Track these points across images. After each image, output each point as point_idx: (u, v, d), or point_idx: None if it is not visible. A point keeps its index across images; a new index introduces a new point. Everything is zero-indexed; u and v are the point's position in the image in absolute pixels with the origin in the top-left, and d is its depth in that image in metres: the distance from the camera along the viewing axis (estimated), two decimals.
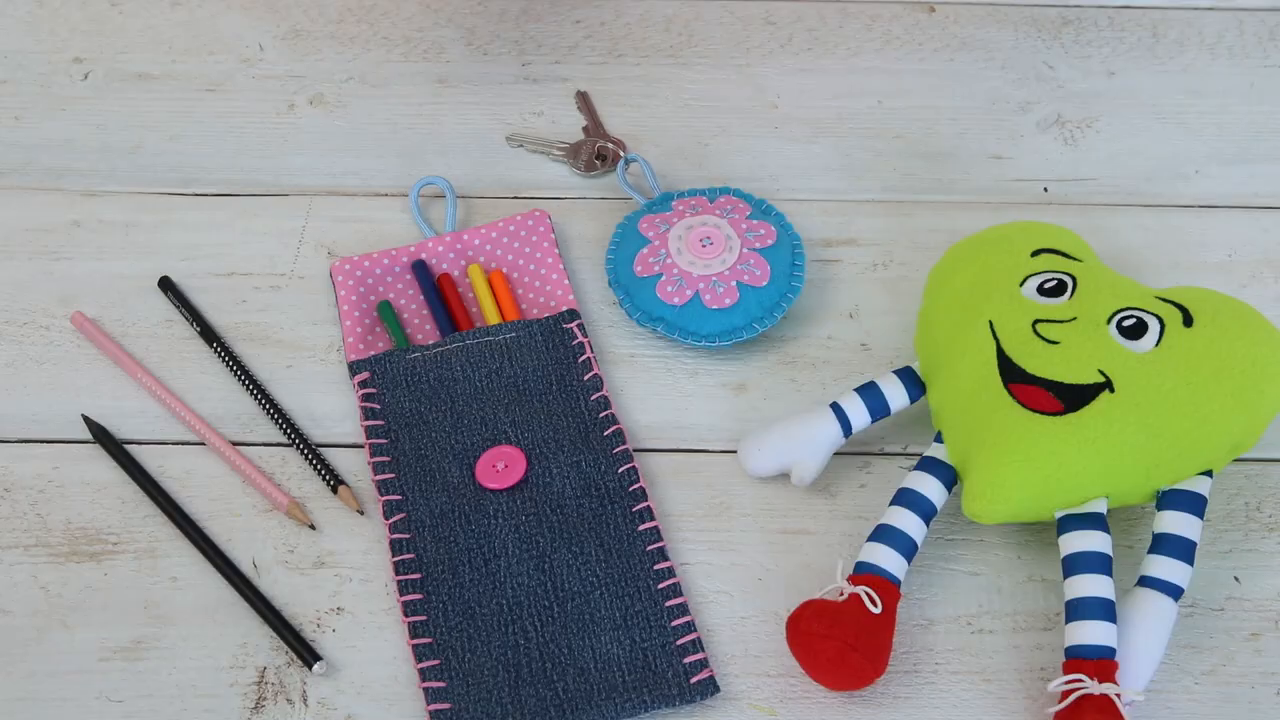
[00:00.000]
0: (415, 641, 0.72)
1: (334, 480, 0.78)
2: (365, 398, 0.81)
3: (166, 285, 0.86)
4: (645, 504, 0.76)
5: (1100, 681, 0.67)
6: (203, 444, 0.80)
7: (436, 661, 0.71)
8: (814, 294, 0.86)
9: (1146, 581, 0.70)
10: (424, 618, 0.73)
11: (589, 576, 0.74)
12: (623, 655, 0.71)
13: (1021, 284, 0.77)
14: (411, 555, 0.75)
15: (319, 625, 0.74)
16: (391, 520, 0.76)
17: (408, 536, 0.75)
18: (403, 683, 0.72)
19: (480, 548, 0.75)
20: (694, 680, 0.70)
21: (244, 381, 0.82)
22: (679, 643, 0.72)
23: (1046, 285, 0.76)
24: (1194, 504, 0.72)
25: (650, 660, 0.71)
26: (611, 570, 0.74)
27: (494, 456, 0.78)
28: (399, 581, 0.74)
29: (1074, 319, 0.74)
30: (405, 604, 0.73)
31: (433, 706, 0.70)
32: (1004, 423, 0.72)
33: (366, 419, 0.80)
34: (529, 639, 0.72)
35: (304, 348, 0.84)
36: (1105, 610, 0.69)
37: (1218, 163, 0.93)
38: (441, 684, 0.71)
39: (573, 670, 0.71)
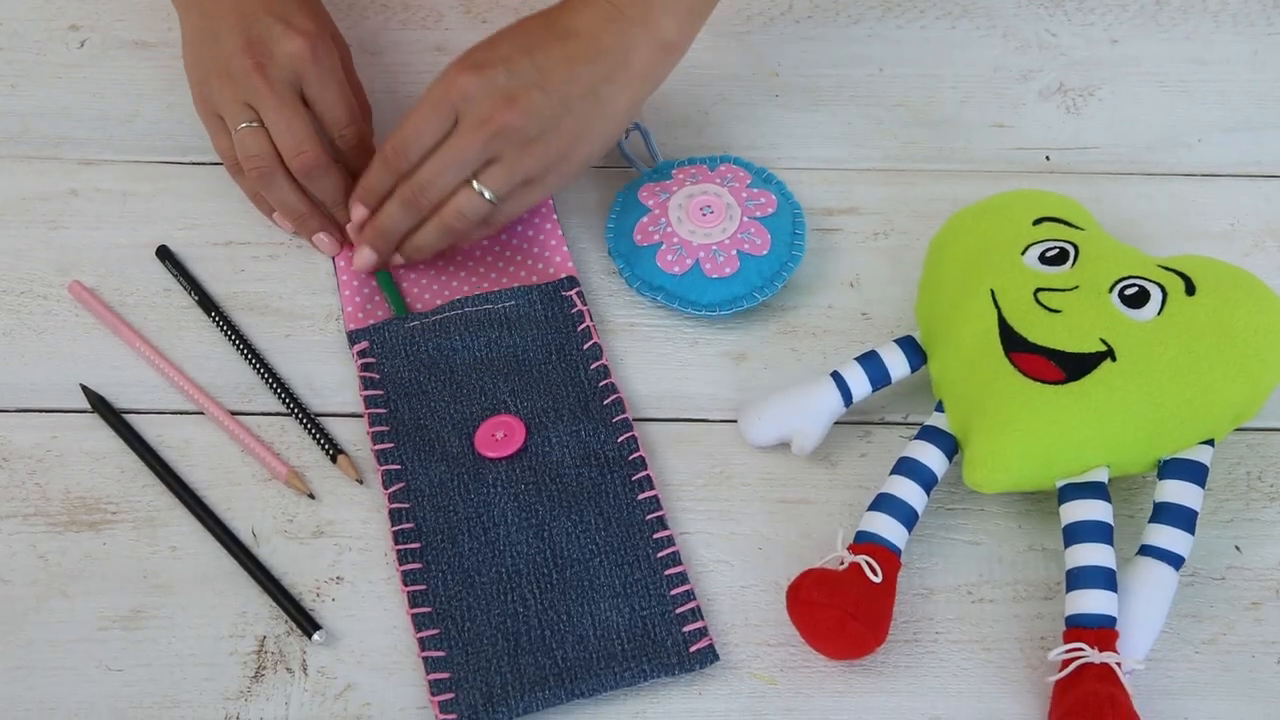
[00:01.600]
0: (414, 610, 0.72)
1: (333, 449, 0.78)
2: (364, 367, 0.80)
3: (165, 254, 0.86)
4: (645, 473, 0.76)
5: (1101, 650, 0.67)
6: (201, 413, 0.80)
7: (436, 630, 0.71)
8: (814, 263, 0.86)
9: (1147, 550, 0.70)
10: (423, 587, 0.73)
11: (588, 545, 0.74)
12: (622, 623, 0.71)
13: (1023, 252, 0.77)
14: (411, 524, 0.75)
15: (318, 594, 0.74)
16: (391, 489, 0.76)
17: (407, 506, 0.75)
18: (402, 652, 0.72)
19: (479, 516, 0.75)
20: (693, 649, 0.70)
21: (242, 351, 0.82)
22: (678, 611, 0.72)
23: (1048, 254, 0.76)
24: (1195, 473, 0.72)
25: (649, 629, 0.71)
26: (611, 539, 0.74)
27: (493, 426, 0.78)
28: (398, 551, 0.74)
29: (1076, 287, 0.74)
30: (404, 573, 0.73)
31: (432, 675, 0.70)
32: (1005, 391, 0.72)
33: (365, 388, 0.80)
34: (528, 607, 0.72)
35: (302, 317, 0.84)
36: (1106, 579, 0.69)
37: (1220, 131, 0.93)
38: (441, 653, 0.71)
39: (572, 638, 0.71)
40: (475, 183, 0.78)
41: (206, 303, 0.84)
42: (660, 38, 0.80)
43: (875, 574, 0.69)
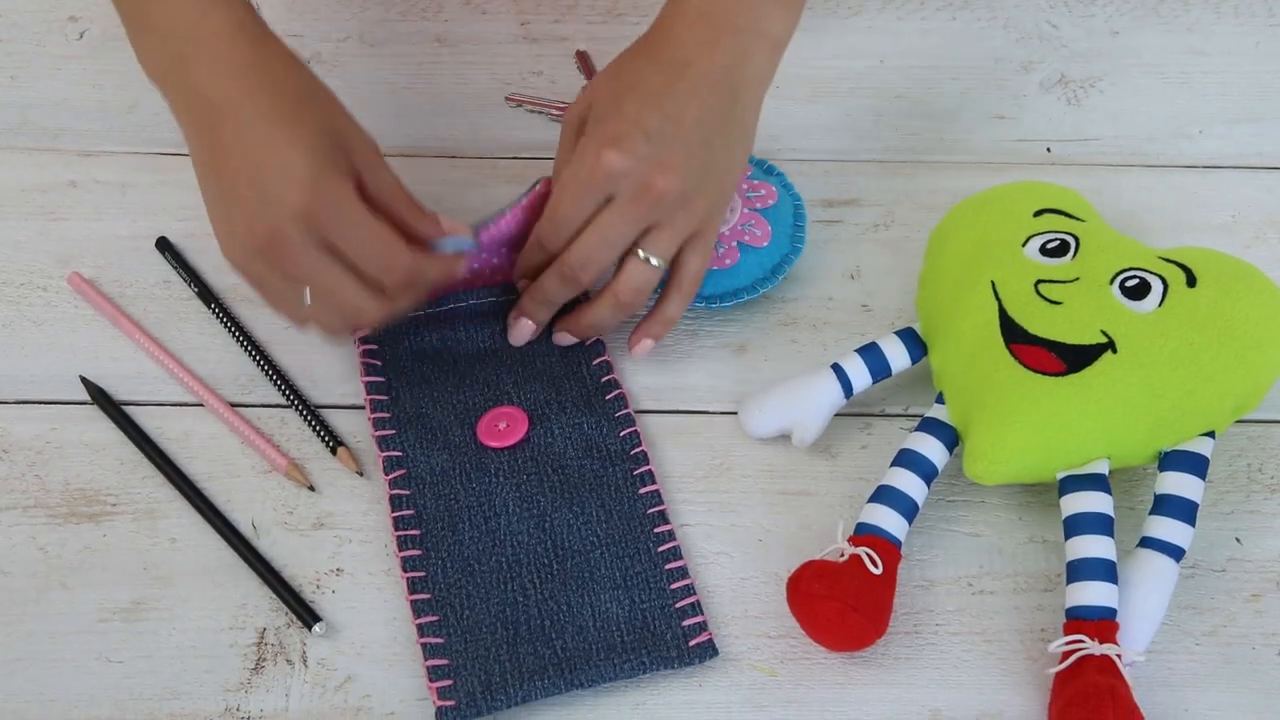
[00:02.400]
0: (414, 597, 0.72)
1: (333, 441, 0.78)
2: (366, 354, 0.80)
3: (164, 246, 0.86)
4: (647, 467, 0.76)
5: (1101, 642, 0.67)
6: (201, 405, 0.80)
7: (435, 618, 0.71)
8: (815, 254, 0.86)
9: (1148, 542, 0.70)
10: (422, 574, 0.73)
11: (589, 536, 0.74)
12: (621, 615, 0.71)
13: (1024, 244, 0.77)
14: (411, 511, 0.75)
15: (318, 586, 0.74)
16: (391, 476, 0.76)
17: (407, 493, 0.75)
18: (402, 643, 0.72)
19: (480, 506, 0.75)
20: (692, 643, 0.70)
21: (242, 342, 0.82)
22: (678, 605, 0.71)
23: (1049, 245, 0.76)
24: (1196, 465, 0.72)
25: (649, 622, 0.71)
26: (612, 531, 0.74)
27: (496, 416, 0.78)
28: (398, 537, 0.74)
29: (1076, 279, 0.74)
30: (404, 560, 0.73)
31: (430, 662, 0.70)
32: (1006, 383, 0.72)
33: (367, 374, 0.79)
34: (528, 596, 0.72)
35: None
36: (1106, 571, 0.69)
37: (1222, 123, 0.93)
38: (439, 640, 0.71)
39: (571, 628, 0.71)
40: (641, 251, 0.75)
41: (206, 294, 0.83)
42: (772, 36, 0.76)
43: (875, 566, 0.69)
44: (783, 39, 0.77)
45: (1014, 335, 0.73)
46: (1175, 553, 0.70)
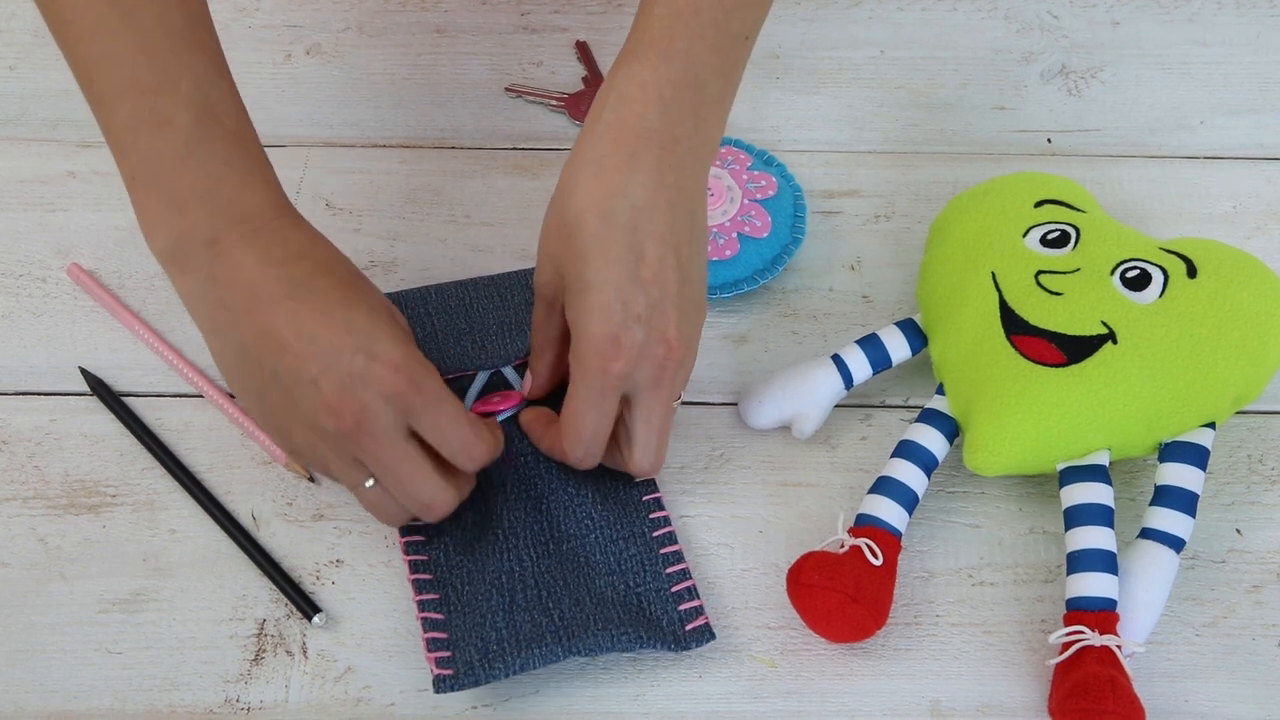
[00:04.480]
0: (415, 576, 0.72)
1: None
2: None
3: None
4: None
5: (1101, 633, 0.67)
6: (200, 396, 0.80)
7: (436, 596, 0.71)
8: (815, 245, 0.86)
9: (1148, 533, 0.70)
10: (425, 558, 0.73)
11: (584, 519, 0.74)
12: (617, 598, 0.71)
13: (1024, 235, 0.77)
14: None
15: (318, 578, 0.74)
16: None
17: None
18: (402, 634, 0.72)
19: (480, 487, 0.74)
20: (689, 627, 0.70)
21: None
22: (674, 590, 0.71)
23: (1050, 236, 0.76)
24: (1196, 456, 0.72)
25: (645, 606, 0.71)
26: (607, 514, 0.74)
27: (493, 398, 0.77)
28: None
29: (1077, 270, 0.74)
30: (406, 544, 0.73)
31: (430, 634, 0.70)
32: (1006, 374, 0.72)
33: None
34: (524, 567, 0.72)
35: None
36: (1106, 562, 0.69)
37: (1223, 113, 0.93)
38: (440, 615, 0.71)
39: (569, 600, 0.70)
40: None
41: None
42: (714, 103, 0.71)
43: (876, 557, 0.69)
44: (728, 92, 0.71)
45: (1014, 326, 0.73)
46: (1175, 544, 0.70)
